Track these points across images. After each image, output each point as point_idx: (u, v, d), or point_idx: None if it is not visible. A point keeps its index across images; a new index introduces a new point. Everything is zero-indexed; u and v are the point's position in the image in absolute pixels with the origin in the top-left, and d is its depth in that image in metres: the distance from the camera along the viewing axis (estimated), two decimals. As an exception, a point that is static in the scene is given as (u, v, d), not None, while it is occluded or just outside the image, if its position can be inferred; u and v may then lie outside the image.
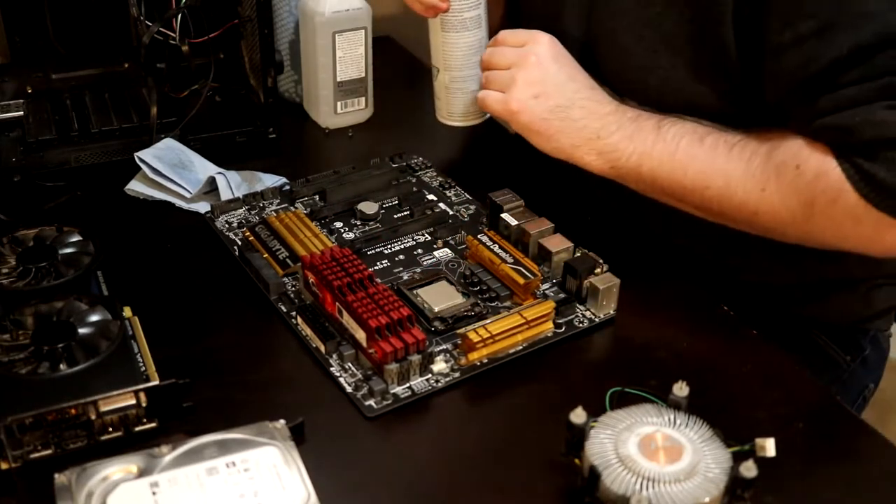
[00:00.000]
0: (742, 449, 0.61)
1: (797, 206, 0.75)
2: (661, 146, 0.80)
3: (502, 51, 0.86)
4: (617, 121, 0.82)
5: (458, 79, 0.93)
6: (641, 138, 0.81)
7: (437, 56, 0.94)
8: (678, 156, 0.80)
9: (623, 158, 0.82)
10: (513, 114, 0.84)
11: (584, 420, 0.61)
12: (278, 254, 0.83)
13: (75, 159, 0.98)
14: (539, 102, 0.83)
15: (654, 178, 0.81)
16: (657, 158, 0.80)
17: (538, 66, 0.83)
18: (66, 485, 0.60)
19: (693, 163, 0.79)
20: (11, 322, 0.74)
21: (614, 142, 0.82)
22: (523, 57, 0.83)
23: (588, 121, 0.82)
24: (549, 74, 0.83)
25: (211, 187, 0.95)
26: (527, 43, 0.84)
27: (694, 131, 0.80)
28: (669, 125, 0.81)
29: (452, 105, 0.95)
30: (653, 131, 0.81)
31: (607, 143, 0.82)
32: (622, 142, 0.82)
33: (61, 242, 0.82)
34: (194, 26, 1.02)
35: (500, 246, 0.83)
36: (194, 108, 1.02)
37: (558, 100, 0.83)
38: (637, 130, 0.82)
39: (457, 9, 0.89)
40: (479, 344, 0.73)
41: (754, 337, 0.80)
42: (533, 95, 0.83)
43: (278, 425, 0.65)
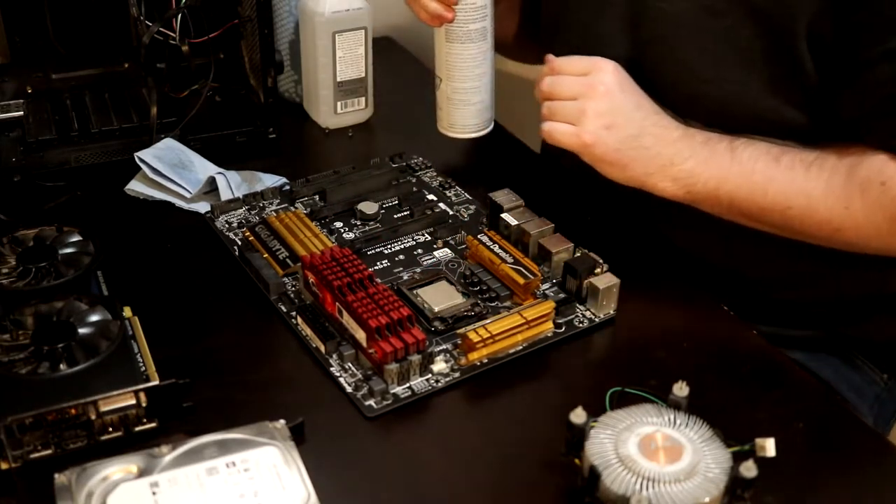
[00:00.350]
0: (742, 449, 0.61)
1: (883, 221, 0.76)
2: (737, 169, 0.80)
3: (564, 80, 0.83)
4: (689, 146, 0.81)
5: (460, 90, 0.93)
6: (716, 162, 0.81)
7: (441, 66, 0.93)
8: (756, 177, 0.79)
9: (700, 183, 0.81)
10: (586, 146, 0.82)
11: (584, 420, 0.61)
12: (278, 254, 0.83)
13: (75, 159, 0.98)
14: (611, 133, 0.81)
15: (733, 201, 0.81)
16: (735, 181, 0.80)
17: (607, 97, 0.81)
18: (66, 485, 0.60)
19: (772, 184, 0.79)
20: (11, 322, 0.74)
21: (689, 168, 0.81)
22: (590, 87, 0.82)
23: (660, 148, 0.81)
24: (618, 104, 0.82)
25: (211, 187, 0.95)
26: (590, 71, 0.83)
27: (768, 152, 0.80)
28: (743, 147, 0.81)
29: (454, 116, 0.95)
30: (727, 154, 0.81)
31: (682, 169, 0.81)
32: (697, 167, 0.81)
33: (61, 242, 0.82)
34: (194, 26, 1.02)
35: (500, 246, 0.83)
36: (194, 108, 1.02)
37: (629, 129, 0.81)
38: (711, 154, 0.81)
39: (462, 20, 0.89)
40: (479, 344, 0.73)
41: (754, 337, 0.80)
42: (604, 126, 0.81)
43: (278, 425, 0.65)
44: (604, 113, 0.81)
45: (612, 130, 0.81)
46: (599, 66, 0.83)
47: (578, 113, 0.82)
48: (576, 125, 0.82)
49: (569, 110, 0.82)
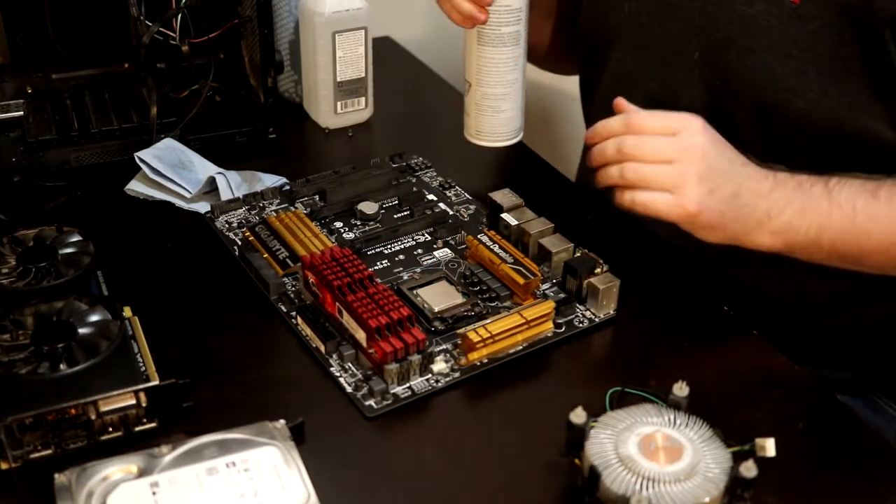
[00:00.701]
0: (742, 449, 0.61)
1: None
2: (837, 212, 0.75)
3: (651, 142, 0.76)
4: (784, 195, 0.76)
5: (490, 96, 0.90)
6: (815, 208, 0.75)
7: (471, 70, 0.90)
8: (858, 219, 0.75)
9: (801, 234, 0.76)
10: (692, 216, 0.75)
11: (584, 420, 0.61)
12: (278, 254, 0.83)
13: (75, 159, 0.98)
14: (714, 198, 0.75)
15: (834, 247, 0.76)
16: (837, 227, 0.75)
17: (705, 158, 0.75)
18: (66, 485, 0.60)
19: (876, 224, 0.75)
20: (11, 322, 0.74)
21: (787, 219, 0.75)
22: (685, 150, 0.75)
23: (757, 202, 0.76)
24: (715, 163, 0.75)
25: (211, 187, 0.95)
26: (679, 130, 0.76)
27: (865, 188, 0.76)
28: (839, 187, 0.76)
29: (481, 123, 0.92)
30: (824, 198, 0.75)
31: (780, 222, 0.76)
32: (795, 217, 0.75)
33: (61, 242, 0.82)
34: (194, 26, 1.02)
35: (500, 246, 0.83)
36: (194, 108, 1.02)
37: (729, 188, 0.75)
38: (807, 200, 0.76)
39: (495, 22, 0.85)
40: (479, 344, 0.73)
41: (754, 337, 0.80)
42: (708, 192, 0.74)
43: (278, 425, 0.65)
44: (704, 177, 0.74)
45: (715, 194, 0.75)
46: (689, 124, 0.76)
47: (678, 180, 0.74)
48: (674, 193, 0.74)
49: (666, 178, 0.75)
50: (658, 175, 0.75)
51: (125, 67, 1.10)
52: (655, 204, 0.75)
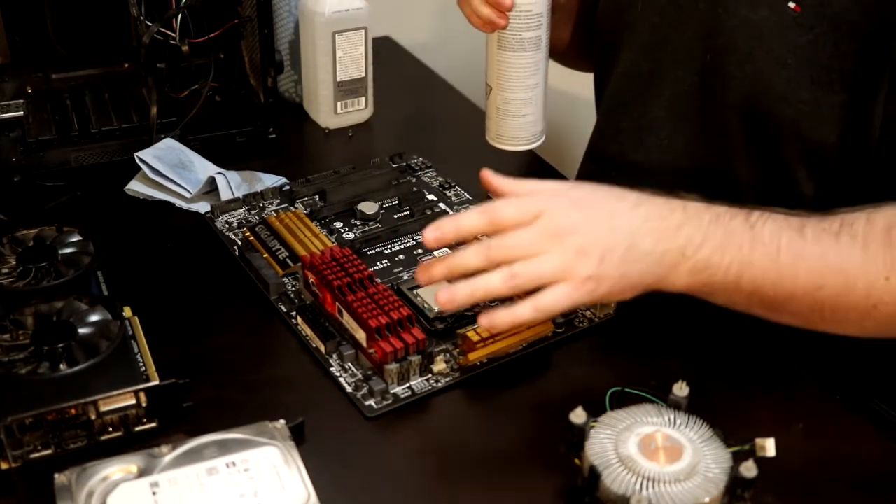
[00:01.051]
0: (742, 449, 0.61)
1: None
2: (760, 250, 0.67)
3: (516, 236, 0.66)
4: (699, 230, 0.67)
5: (510, 101, 0.88)
6: (736, 245, 0.67)
7: (492, 74, 0.89)
8: (783, 258, 0.66)
9: (720, 273, 0.67)
10: (591, 294, 0.66)
11: (584, 420, 0.61)
12: (278, 254, 0.83)
13: (75, 159, 0.98)
14: (608, 263, 0.66)
15: (756, 290, 0.68)
16: (760, 267, 0.67)
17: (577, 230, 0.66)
18: (66, 485, 0.60)
19: (801, 263, 0.66)
20: (11, 322, 0.74)
21: (705, 256, 0.67)
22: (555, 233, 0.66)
23: (665, 245, 0.67)
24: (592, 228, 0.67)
25: (211, 187, 0.95)
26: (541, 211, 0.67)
27: (789, 224, 0.67)
28: (761, 222, 0.68)
29: (502, 127, 0.90)
30: (746, 233, 0.67)
31: (697, 259, 0.67)
32: (715, 255, 0.67)
33: (61, 242, 0.82)
34: (194, 26, 1.02)
35: (500, 246, 0.83)
36: (194, 108, 1.02)
37: (621, 244, 0.66)
38: (727, 236, 0.67)
39: (515, 27, 0.84)
40: (479, 344, 0.73)
41: (754, 337, 0.80)
42: (599, 260, 0.66)
43: (278, 425, 0.65)
44: (587, 248, 0.66)
45: (607, 259, 0.66)
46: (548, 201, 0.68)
47: (562, 265, 0.66)
48: (566, 280, 0.66)
49: (545, 268, 0.66)
50: (536, 270, 0.66)
51: (125, 67, 1.10)
52: (557, 302, 0.66)
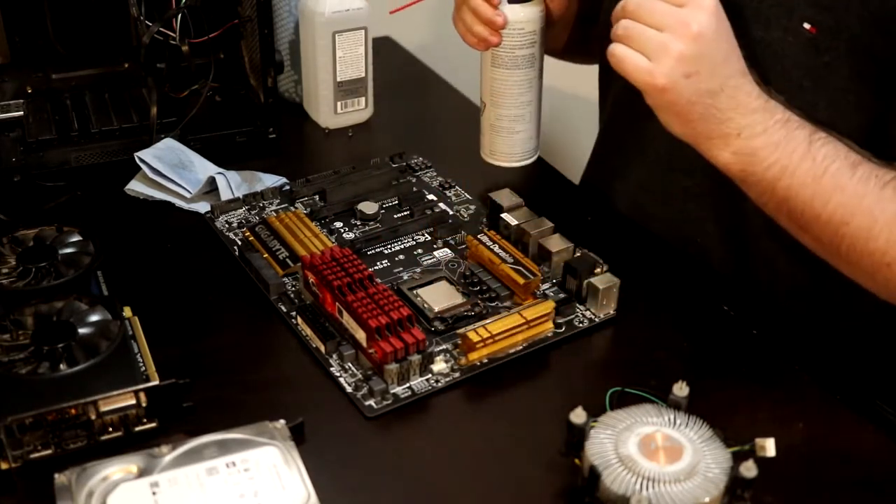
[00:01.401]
0: (742, 449, 0.61)
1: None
2: (807, 165, 0.71)
3: (652, 5, 0.71)
4: (763, 121, 0.72)
5: (504, 117, 0.89)
6: (788, 150, 0.71)
7: (486, 91, 0.89)
8: (825, 181, 0.71)
9: (761, 167, 0.72)
10: (658, 90, 0.71)
11: (584, 420, 0.61)
12: (278, 254, 0.83)
13: (75, 159, 0.98)
14: (690, 83, 0.70)
15: (788, 199, 0.72)
16: (800, 178, 0.71)
17: (698, 40, 0.70)
18: (66, 485, 0.60)
19: (838, 194, 0.70)
20: (11, 322, 0.74)
21: (756, 146, 0.71)
22: (683, 23, 0.70)
23: (734, 113, 0.71)
24: (707, 51, 0.71)
25: (211, 187, 0.95)
26: (687, 4, 0.71)
27: (847, 156, 0.71)
28: (821, 143, 0.72)
29: (496, 144, 0.91)
30: (802, 144, 0.71)
31: (747, 144, 0.72)
32: (765, 148, 0.71)
33: (61, 242, 0.82)
34: (194, 26, 1.02)
35: (500, 246, 0.83)
36: (194, 108, 1.02)
37: (710, 84, 0.71)
38: (785, 139, 0.71)
39: (509, 45, 0.85)
40: (479, 344, 0.73)
41: (754, 337, 0.80)
42: (685, 74, 0.70)
43: (278, 425, 0.65)
44: (689, 58, 0.70)
45: (692, 80, 0.70)
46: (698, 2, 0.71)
47: (660, 49, 0.70)
48: (652, 61, 0.71)
49: (650, 42, 0.71)
50: (644, 37, 0.71)
51: (125, 67, 1.10)
52: (629, 64, 0.72)
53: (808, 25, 0.75)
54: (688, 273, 0.87)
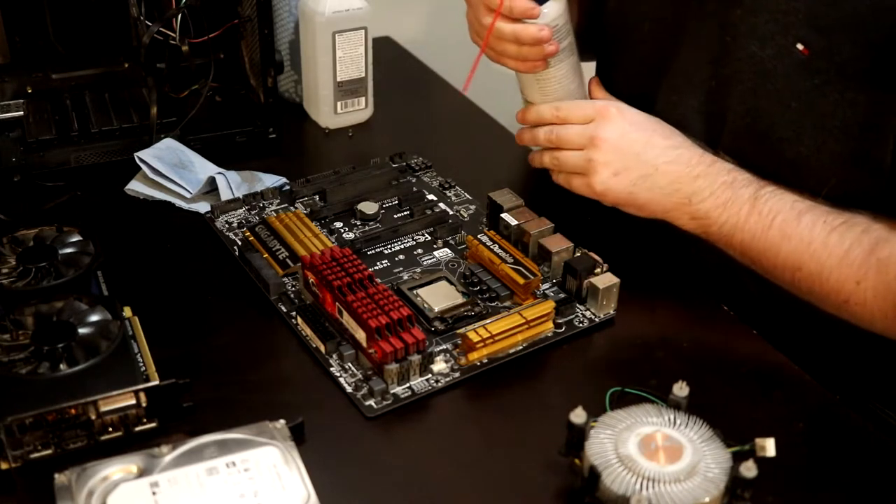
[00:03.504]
0: (742, 449, 0.61)
1: (891, 307, 0.72)
2: (754, 219, 0.77)
3: (568, 131, 0.84)
4: (709, 185, 0.79)
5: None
6: (735, 208, 0.78)
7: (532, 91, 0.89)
8: (772, 233, 0.77)
9: (715, 227, 0.79)
10: (599, 196, 0.83)
11: (584, 420, 0.61)
12: (278, 254, 0.83)
13: (75, 159, 0.98)
14: (620, 180, 0.81)
15: (745, 251, 0.79)
16: (749, 232, 0.78)
17: (609, 145, 0.81)
18: (66, 485, 0.60)
19: (787, 243, 0.76)
20: (11, 322, 0.74)
21: (706, 209, 0.79)
22: (592, 139, 0.82)
23: (678, 185, 0.80)
24: (624, 148, 0.81)
25: (211, 187, 0.95)
26: (593, 119, 0.83)
27: (792, 206, 0.77)
28: (767, 197, 0.78)
29: None
30: (748, 202, 0.78)
31: (699, 208, 0.80)
32: (714, 210, 0.79)
33: (61, 242, 0.82)
34: (194, 26, 1.02)
35: (500, 246, 0.83)
36: (194, 108, 1.02)
37: (640, 171, 0.81)
38: (732, 199, 0.79)
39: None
40: (479, 344, 0.73)
41: (754, 337, 0.80)
42: (613, 174, 0.81)
43: (278, 425, 0.65)
44: (610, 161, 0.81)
45: (621, 176, 0.81)
46: (602, 112, 0.83)
47: (586, 165, 0.82)
48: (586, 176, 0.83)
49: (575, 162, 0.84)
50: (570, 161, 0.84)
51: (125, 67, 1.10)
52: (571, 184, 0.85)
53: (801, 46, 0.75)
54: (688, 273, 0.87)
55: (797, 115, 0.77)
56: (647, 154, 0.81)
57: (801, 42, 0.75)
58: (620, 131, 0.82)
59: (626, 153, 0.81)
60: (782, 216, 0.77)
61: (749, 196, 0.78)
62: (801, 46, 0.75)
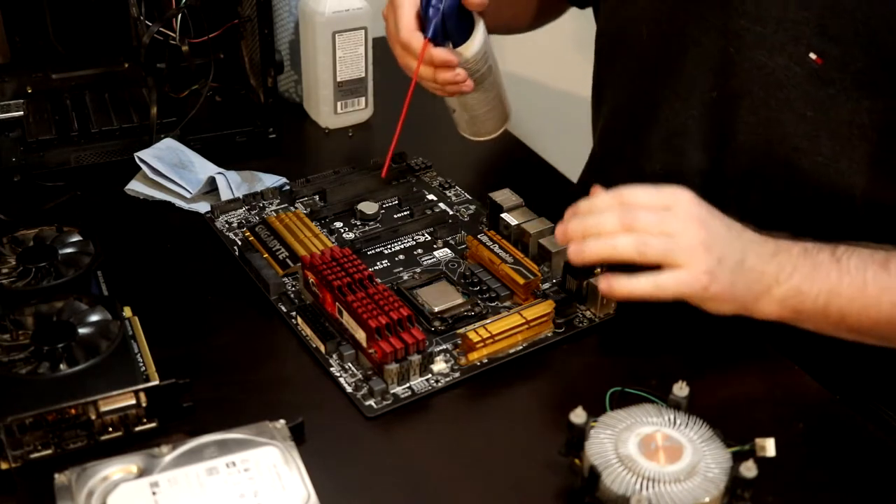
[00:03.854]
0: (742, 449, 0.61)
1: None
2: (847, 280, 0.72)
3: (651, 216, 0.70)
4: (790, 260, 0.72)
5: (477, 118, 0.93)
6: (824, 275, 0.72)
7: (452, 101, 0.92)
8: (869, 290, 0.71)
9: (809, 301, 0.72)
10: (705, 288, 0.70)
11: (584, 420, 0.61)
12: (278, 254, 0.83)
13: (75, 159, 0.98)
14: (724, 266, 0.70)
15: (844, 317, 0.72)
16: (847, 295, 0.72)
17: (706, 227, 0.71)
18: (66, 485, 0.60)
19: (886, 294, 0.72)
20: (11, 322, 0.74)
21: (796, 284, 0.71)
22: (688, 221, 0.70)
23: (763, 267, 0.72)
24: (716, 228, 0.71)
25: (211, 187, 0.95)
26: (673, 205, 0.71)
27: (873, 259, 0.72)
28: (847, 256, 0.72)
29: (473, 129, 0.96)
30: (833, 266, 0.72)
31: (788, 287, 0.71)
32: (804, 283, 0.71)
33: (61, 242, 0.82)
34: (194, 26, 1.02)
35: (500, 246, 0.83)
36: (194, 108, 1.02)
37: (736, 255, 0.71)
38: (815, 267, 0.72)
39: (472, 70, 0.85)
40: (478, 344, 0.73)
41: (754, 337, 0.80)
42: (717, 260, 0.70)
43: (278, 425, 0.65)
44: (711, 245, 0.70)
45: (724, 262, 0.70)
46: (680, 197, 0.72)
47: (686, 251, 0.69)
48: (685, 267, 0.70)
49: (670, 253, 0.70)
50: (660, 251, 0.70)
51: (125, 67, 1.10)
52: (670, 284, 0.70)
53: (814, 56, 0.74)
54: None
55: (812, 124, 0.76)
56: (733, 236, 0.72)
57: (814, 51, 0.74)
58: (708, 212, 0.72)
59: (720, 236, 0.71)
60: (872, 270, 0.72)
61: (829, 259, 0.72)
62: (814, 56, 0.74)
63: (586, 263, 0.72)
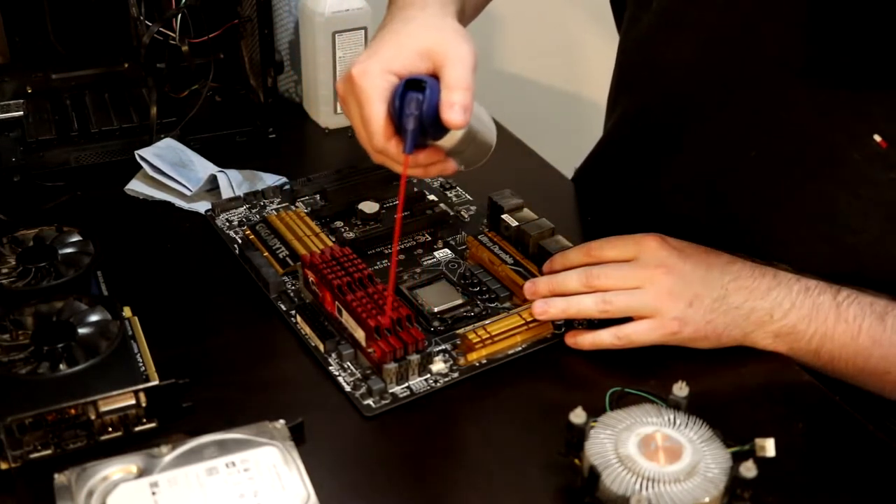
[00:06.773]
0: (742, 449, 0.61)
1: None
2: (842, 328, 0.73)
3: (617, 270, 0.74)
4: (787, 295, 0.73)
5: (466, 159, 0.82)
6: (821, 318, 0.73)
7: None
8: (861, 340, 0.73)
9: (803, 341, 0.74)
10: (675, 334, 0.73)
11: (584, 420, 0.61)
12: (278, 252, 0.83)
13: (75, 159, 0.98)
14: (696, 308, 0.72)
15: (832, 360, 0.74)
16: (839, 342, 0.73)
17: (671, 273, 0.73)
18: (66, 485, 0.60)
19: (877, 348, 0.73)
20: (11, 322, 0.74)
21: (792, 322, 0.73)
22: (651, 272, 0.73)
23: (753, 302, 0.73)
24: (686, 272, 0.73)
25: (212, 185, 0.95)
26: (637, 253, 0.74)
27: (873, 310, 0.73)
28: (847, 302, 0.73)
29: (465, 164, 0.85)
30: (832, 310, 0.73)
31: (784, 324, 0.73)
32: (801, 322, 0.73)
33: (61, 242, 0.82)
34: (194, 26, 1.02)
35: (501, 247, 0.83)
36: (194, 108, 1.02)
37: (711, 294, 0.73)
38: (814, 308, 0.73)
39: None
40: (478, 344, 0.73)
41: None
42: (687, 304, 0.72)
43: (278, 425, 0.65)
44: (677, 292, 0.72)
45: (695, 305, 0.72)
46: (645, 245, 0.75)
47: (651, 302, 0.73)
48: (656, 317, 0.73)
49: (633, 303, 0.73)
50: (623, 303, 0.73)
51: (125, 67, 1.10)
52: (639, 336, 0.73)
53: (879, 139, 0.72)
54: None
55: (865, 203, 0.75)
56: (711, 275, 0.74)
57: (880, 134, 0.72)
58: (677, 256, 0.74)
59: (690, 279, 0.73)
60: (868, 321, 0.73)
61: (830, 303, 0.73)
62: (879, 139, 0.72)
63: (553, 320, 0.76)
